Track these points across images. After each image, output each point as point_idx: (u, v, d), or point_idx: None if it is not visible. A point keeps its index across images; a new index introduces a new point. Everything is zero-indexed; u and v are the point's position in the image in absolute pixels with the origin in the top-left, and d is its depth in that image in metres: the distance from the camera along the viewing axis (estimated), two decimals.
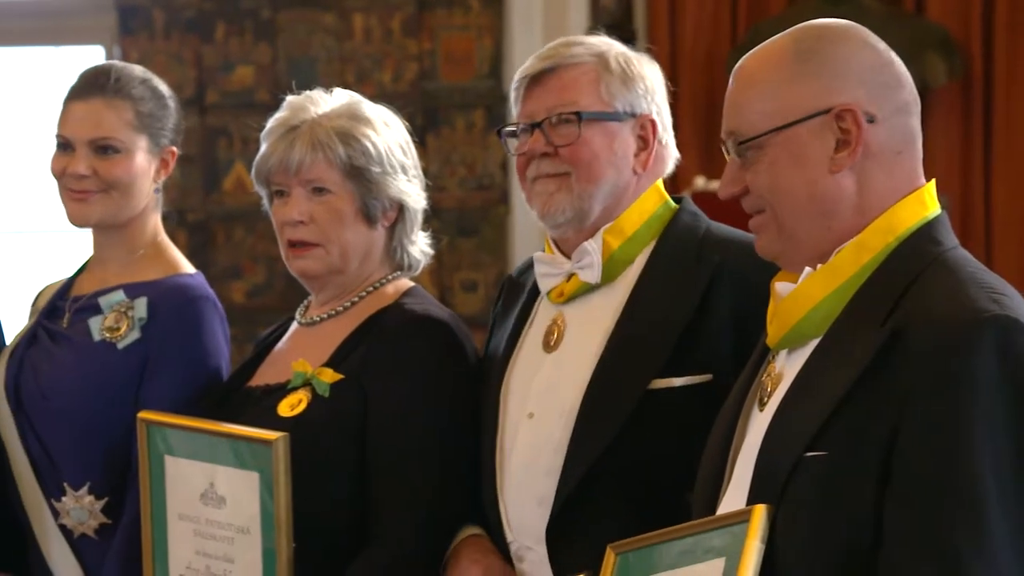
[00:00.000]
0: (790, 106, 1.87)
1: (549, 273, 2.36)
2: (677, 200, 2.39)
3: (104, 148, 2.63)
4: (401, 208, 2.51)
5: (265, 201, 2.56)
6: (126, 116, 2.63)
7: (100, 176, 2.63)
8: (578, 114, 2.28)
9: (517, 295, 2.45)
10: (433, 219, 2.63)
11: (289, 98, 2.53)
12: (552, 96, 2.30)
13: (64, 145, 2.65)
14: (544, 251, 2.41)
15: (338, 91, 2.54)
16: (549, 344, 2.32)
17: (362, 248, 2.49)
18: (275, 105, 2.59)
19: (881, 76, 1.89)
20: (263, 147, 2.51)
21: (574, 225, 2.32)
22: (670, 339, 2.22)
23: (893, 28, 4.87)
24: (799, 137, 1.86)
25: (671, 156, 2.39)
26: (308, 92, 2.53)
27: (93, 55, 5.67)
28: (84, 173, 2.62)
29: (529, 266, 2.47)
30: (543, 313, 2.37)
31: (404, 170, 2.50)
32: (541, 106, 2.31)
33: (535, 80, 2.32)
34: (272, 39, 5.43)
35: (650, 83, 2.35)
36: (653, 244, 2.32)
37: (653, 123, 2.34)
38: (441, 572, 2.36)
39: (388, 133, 2.50)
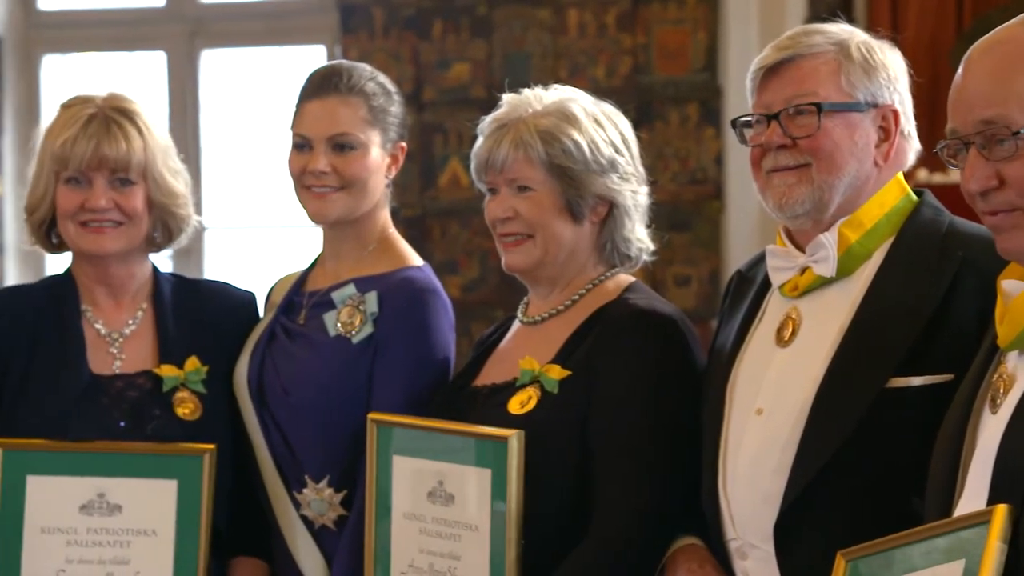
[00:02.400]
0: None
1: (782, 266, 2.32)
2: (917, 193, 2.33)
3: (342, 145, 2.67)
4: (612, 205, 2.51)
5: (488, 196, 2.59)
6: (360, 112, 2.68)
7: (339, 173, 2.67)
8: (818, 106, 2.24)
9: (746, 290, 2.42)
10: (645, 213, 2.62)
11: (507, 96, 2.55)
12: (790, 87, 2.26)
13: (302, 144, 2.70)
14: (775, 244, 2.37)
15: (557, 88, 2.54)
16: (783, 339, 2.28)
17: (568, 243, 2.50)
18: (490, 101, 2.61)
19: None
20: (478, 142, 2.55)
21: (812, 216, 2.28)
22: (909, 336, 2.15)
23: None
24: None
25: (913, 148, 2.33)
26: (527, 89, 2.54)
27: (315, 54, 5.81)
28: (324, 170, 2.67)
29: (758, 260, 2.43)
30: (775, 307, 2.34)
31: (614, 167, 2.49)
32: (778, 97, 2.26)
33: (772, 71, 2.27)
34: (488, 35, 5.49)
35: (893, 72, 2.29)
36: (893, 238, 2.26)
37: (895, 113, 2.28)
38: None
39: (597, 131, 2.49)
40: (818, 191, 2.25)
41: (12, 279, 5.80)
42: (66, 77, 6.03)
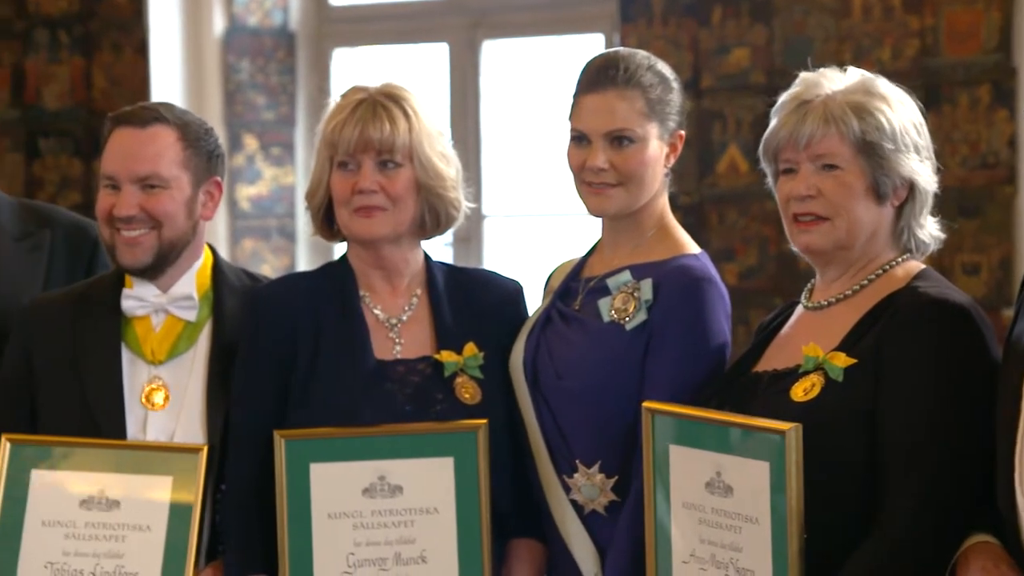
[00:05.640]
0: None
1: None
2: None
3: (620, 139, 2.68)
4: (912, 188, 2.46)
5: (769, 179, 2.55)
6: (638, 105, 2.67)
7: (616, 168, 2.67)
8: None
9: None
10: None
11: (803, 74, 2.52)
12: None
13: (581, 138, 2.71)
14: None
15: (852, 69, 2.50)
16: None
17: (870, 225, 2.45)
18: (770, 87, 2.57)
19: None
20: (773, 122, 2.51)
21: None
22: None
23: None
24: None
25: None
26: (822, 69, 2.50)
27: (593, 43, 5.84)
28: (602, 166, 2.67)
29: None
30: None
31: (917, 150, 2.45)
32: None
33: None
34: (768, 20, 5.40)
35: None
36: None
37: None
38: (948, 574, 2.28)
39: (902, 110, 2.46)
40: None
41: (304, 267, 6.03)
42: (354, 70, 6.23)
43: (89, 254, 3.10)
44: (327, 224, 2.80)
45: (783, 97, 2.50)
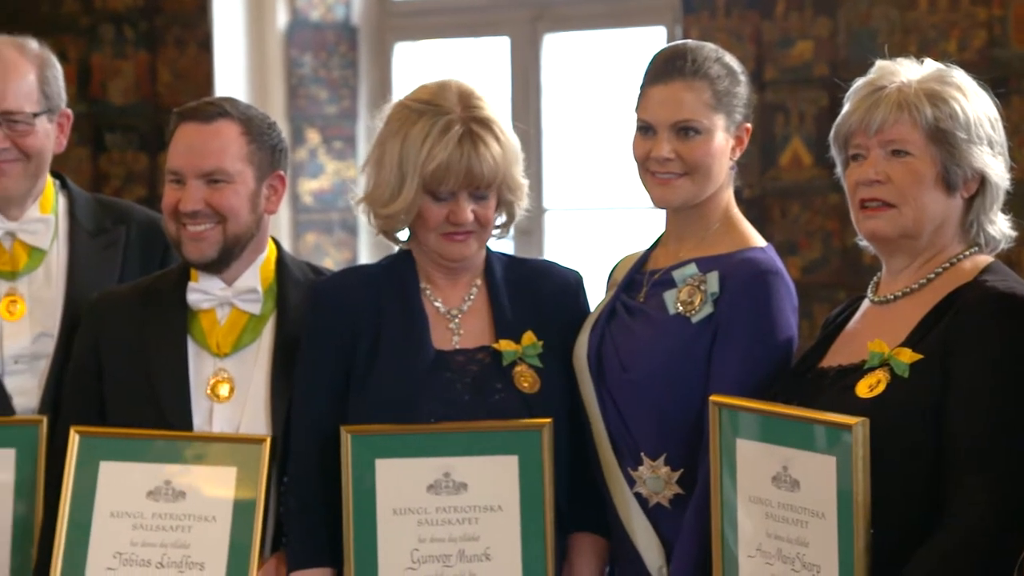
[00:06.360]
0: None
1: None
2: None
3: (686, 130, 2.67)
4: (983, 181, 2.43)
5: (838, 167, 2.53)
6: (704, 96, 2.67)
7: (682, 159, 2.67)
8: None
9: None
10: None
11: (879, 62, 2.50)
12: None
13: (646, 129, 2.71)
14: None
15: (929, 61, 2.49)
16: None
17: (937, 215, 2.43)
18: (833, 79, 2.56)
19: None
20: (845, 107, 2.49)
21: None
22: None
23: None
24: None
25: None
26: (899, 58, 2.49)
27: (655, 36, 5.82)
28: (668, 156, 2.67)
29: None
30: None
31: (990, 144, 2.43)
32: None
33: None
34: (832, 12, 5.36)
35: None
36: None
37: None
38: (1016, 571, 2.25)
39: (978, 102, 2.44)
40: None
41: (366, 260, 6.06)
42: (416, 64, 6.24)
43: (163, 251, 3.13)
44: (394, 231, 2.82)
45: (857, 83, 2.49)
